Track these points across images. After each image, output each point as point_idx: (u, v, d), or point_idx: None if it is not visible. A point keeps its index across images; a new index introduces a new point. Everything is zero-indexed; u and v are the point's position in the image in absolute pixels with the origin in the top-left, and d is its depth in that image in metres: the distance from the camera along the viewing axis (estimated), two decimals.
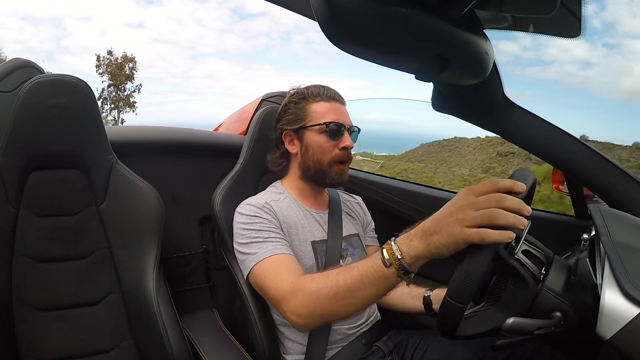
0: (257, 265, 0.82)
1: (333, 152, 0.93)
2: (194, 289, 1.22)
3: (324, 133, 0.93)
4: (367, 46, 0.58)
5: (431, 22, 0.56)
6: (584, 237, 0.76)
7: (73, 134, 0.91)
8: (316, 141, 0.94)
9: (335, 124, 0.93)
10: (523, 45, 13.23)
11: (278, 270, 0.80)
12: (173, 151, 1.23)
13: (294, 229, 0.92)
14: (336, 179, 0.95)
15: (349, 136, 0.94)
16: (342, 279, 0.67)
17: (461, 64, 0.65)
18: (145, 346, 0.93)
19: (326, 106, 0.94)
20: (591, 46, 6.69)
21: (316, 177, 0.95)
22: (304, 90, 0.97)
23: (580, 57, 7.56)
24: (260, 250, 0.84)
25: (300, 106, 0.95)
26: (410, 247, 0.61)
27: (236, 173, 1.07)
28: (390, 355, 0.93)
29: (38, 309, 0.87)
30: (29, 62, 1.01)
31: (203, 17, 46.02)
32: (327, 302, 0.68)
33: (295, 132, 0.96)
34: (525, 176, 0.64)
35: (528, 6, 0.57)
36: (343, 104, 0.98)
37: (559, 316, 0.59)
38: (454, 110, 0.95)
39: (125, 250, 0.95)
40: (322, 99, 0.95)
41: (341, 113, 0.96)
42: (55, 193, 0.91)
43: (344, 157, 0.95)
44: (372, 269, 0.64)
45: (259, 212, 0.89)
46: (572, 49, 15.46)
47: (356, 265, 0.67)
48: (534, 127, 0.92)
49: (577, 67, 6.19)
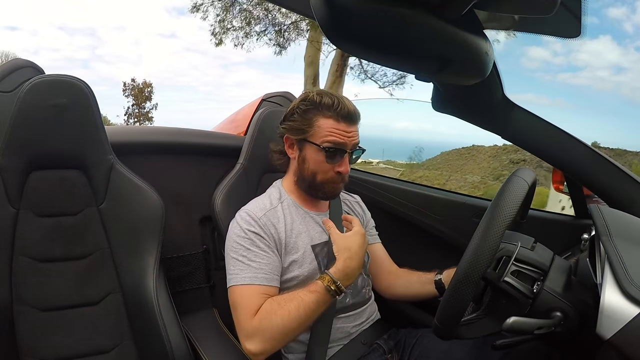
0: (233, 287, 0.85)
1: (328, 173, 0.91)
2: (194, 289, 1.22)
3: (322, 154, 0.89)
4: (367, 46, 0.58)
5: (431, 22, 0.56)
6: (584, 237, 0.76)
7: (73, 134, 0.91)
8: (313, 158, 0.90)
9: (334, 148, 0.88)
10: (554, 51, 13.09)
11: (249, 303, 0.83)
12: (173, 151, 1.23)
13: (294, 235, 0.92)
14: (329, 193, 0.94)
15: (348, 160, 0.91)
16: (294, 313, 0.80)
17: (461, 64, 0.65)
18: (145, 346, 0.93)
19: (332, 125, 0.88)
20: (623, 50, 6.72)
21: (309, 189, 0.94)
22: (317, 98, 0.89)
23: (613, 61, 7.63)
24: (240, 273, 0.85)
25: (306, 116, 0.89)
26: (343, 272, 0.83)
27: (236, 173, 1.07)
28: (390, 353, 0.93)
29: (38, 309, 0.87)
30: (29, 62, 1.01)
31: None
32: (290, 333, 0.81)
33: (296, 140, 0.93)
34: (526, 176, 0.64)
35: (528, 6, 0.57)
36: (354, 123, 0.91)
37: (559, 316, 0.59)
38: (454, 110, 0.95)
39: (126, 250, 0.95)
40: (332, 116, 0.88)
41: (347, 135, 0.89)
42: (56, 193, 0.91)
43: (337, 180, 0.92)
44: (323, 302, 0.82)
45: (254, 227, 0.88)
46: (604, 54, 15.23)
47: (307, 300, 0.81)
48: (533, 127, 0.92)
49: (609, 73, 6.23)
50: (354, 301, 0.95)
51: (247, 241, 0.87)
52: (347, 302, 0.94)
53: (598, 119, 15.12)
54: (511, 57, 13.33)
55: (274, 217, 0.91)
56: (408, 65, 0.65)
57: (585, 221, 1.07)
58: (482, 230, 0.60)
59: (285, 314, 0.79)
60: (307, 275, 0.90)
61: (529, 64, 3.61)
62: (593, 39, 3.00)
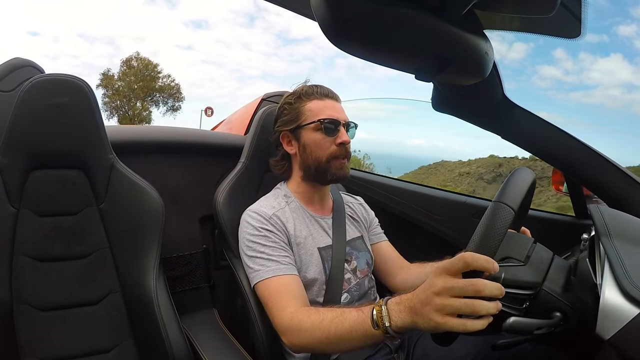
0: (260, 283, 0.86)
1: (330, 148, 0.93)
2: (193, 289, 1.22)
3: (320, 130, 0.93)
4: (367, 46, 0.58)
5: (431, 22, 0.56)
6: (584, 237, 0.76)
7: (73, 133, 0.91)
8: (313, 139, 0.94)
9: (329, 120, 0.93)
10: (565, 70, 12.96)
11: (279, 297, 0.83)
12: (173, 151, 1.23)
13: (302, 237, 0.93)
14: (337, 173, 0.95)
15: (346, 132, 0.94)
16: (334, 327, 0.71)
17: (461, 64, 0.65)
18: (145, 346, 0.93)
19: (320, 104, 0.95)
20: (635, 68, 6.64)
21: (317, 175, 0.95)
22: (298, 90, 0.98)
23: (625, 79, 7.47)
24: (263, 268, 0.86)
25: (294, 106, 0.96)
26: (399, 317, 0.62)
27: (238, 172, 1.07)
28: (396, 352, 0.94)
29: (38, 309, 0.87)
30: (29, 61, 1.01)
31: (249, 41, 47.98)
32: (318, 343, 0.74)
33: (292, 132, 0.96)
34: (525, 176, 0.64)
35: (528, 6, 0.57)
36: (337, 101, 0.98)
37: (558, 316, 0.59)
38: (454, 111, 0.95)
39: (126, 250, 0.95)
40: (316, 97, 0.95)
41: (335, 109, 0.95)
42: (56, 192, 0.91)
43: (341, 153, 0.94)
44: (361, 326, 0.67)
45: (266, 224, 0.89)
46: (616, 72, 15.10)
47: (349, 317, 0.70)
48: (533, 127, 0.92)
49: (621, 91, 6.12)
50: (360, 302, 0.96)
51: (263, 238, 0.88)
52: (354, 304, 0.94)
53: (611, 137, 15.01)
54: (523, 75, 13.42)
55: (283, 217, 0.92)
56: (408, 65, 0.65)
57: (585, 221, 1.07)
58: None
59: (317, 320, 0.74)
60: (312, 278, 0.91)
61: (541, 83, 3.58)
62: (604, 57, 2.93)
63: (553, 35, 0.73)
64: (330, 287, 0.91)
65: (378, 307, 0.65)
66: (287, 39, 52.11)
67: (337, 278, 0.93)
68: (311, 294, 0.91)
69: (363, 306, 0.71)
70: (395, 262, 1.08)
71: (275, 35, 51.06)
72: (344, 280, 0.94)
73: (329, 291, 0.91)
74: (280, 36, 51.78)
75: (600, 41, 3.79)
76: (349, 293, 0.95)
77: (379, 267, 1.07)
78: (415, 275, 1.03)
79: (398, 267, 1.07)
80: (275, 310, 0.82)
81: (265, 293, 0.85)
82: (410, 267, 1.06)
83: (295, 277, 0.86)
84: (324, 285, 0.92)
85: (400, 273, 1.06)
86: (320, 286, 0.91)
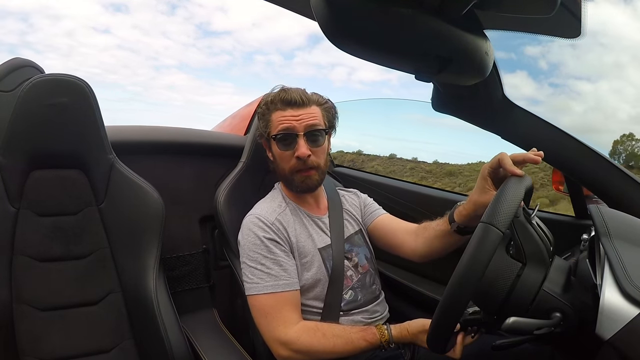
0: (255, 297, 0.85)
1: (290, 161, 0.90)
2: (193, 289, 1.22)
3: (275, 142, 0.91)
4: (367, 46, 0.58)
5: (431, 23, 0.56)
6: (584, 237, 0.76)
7: (73, 133, 0.91)
8: (276, 152, 0.92)
9: (282, 135, 0.89)
10: None
11: (278, 313, 0.83)
12: (173, 151, 1.23)
13: (303, 239, 0.92)
14: (301, 186, 0.92)
15: (305, 143, 0.89)
16: (339, 348, 0.82)
17: (461, 64, 0.65)
18: (145, 346, 0.93)
19: (279, 115, 0.90)
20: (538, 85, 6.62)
21: (288, 185, 0.95)
22: (268, 98, 0.93)
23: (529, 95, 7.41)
24: (261, 282, 0.85)
25: (264, 117, 0.94)
26: (400, 337, 0.84)
27: (239, 172, 1.07)
28: (402, 349, 0.93)
29: (38, 309, 0.87)
30: (29, 61, 1.01)
31: (169, 29, 46.80)
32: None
33: (266, 142, 0.96)
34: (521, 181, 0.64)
35: (528, 6, 0.57)
36: (302, 107, 0.90)
37: (558, 316, 0.59)
38: (454, 111, 0.95)
39: (126, 250, 0.95)
40: (278, 108, 0.91)
41: (295, 119, 0.89)
42: (56, 193, 0.91)
43: (300, 166, 0.90)
44: (364, 344, 0.83)
45: (269, 232, 0.88)
46: (521, 87, 15.39)
47: (358, 345, 0.83)
48: (533, 127, 0.92)
49: (526, 103, 6.11)
50: (365, 299, 0.96)
51: (264, 249, 0.87)
52: (359, 299, 0.95)
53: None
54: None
55: (284, 220, 0.92)
56: (408, 65, 0.65)
57: (585, 221, 1.07)
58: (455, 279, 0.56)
59: (327, 346, 0.82)
60: (315, 279, 0.90)
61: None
62: (511, 73, 3.00)
63: (553, 35, 0.73)
64: (333, 286, 0.91)
65: (386, 341, 0.83)
66: (208, 31, 51.13)
67: (339, 277, 0.93)
68: (315, 293, 0.91)
69: (365, 332, 0.84)
70: (402, 229, 1.03)
71: (196, 26, 50.04)
72: (346, 278, 0.94)
73: (331, 290, 0.91)
74: (200, 27, 50.79)
75: (509, 58, 3.87)
76: (353, 290, 0.95)
77: (386, 241, 1.04)
78: (420, 242, 0.98)
79: (406, 232, 1.01)
80: (274, 324, 0.83)
81: (259, 306, 0.85)
82: (417, 232, 1.00)
83: (293, 292, 0.86)
84: (327, 285, 0.92)
85: (410, 239, 1.00)
86: (323, 286, 0.91)
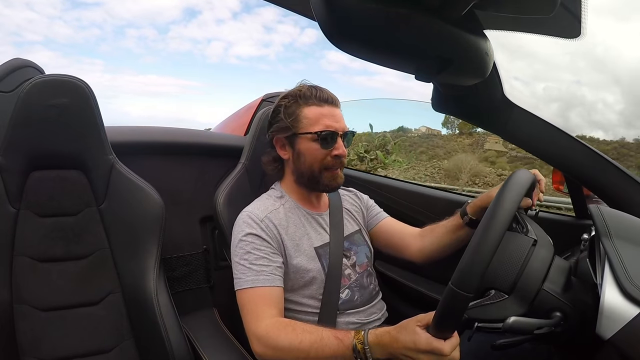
0: (238, 292, 0.86)
1: (325, 159, 0.90)
2: (194, 289, 1.22)
3: (316, 141, 0.89)
4: (367, 46, 0.58)
5: (431, 23, 0.56)
6: (584, 237, 0.76)
7: (73, 134, 0.91)
8: (308, 148, 0.90)
9: (327, 133, 0.89)
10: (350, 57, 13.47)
11: (254, 306, 0.83)
12: (173, 151, 1.23)
13: (297, 238, 0.92)
14: (330, 184, 0.93)
15: (342, 142, 0.91)
16: (314, 353, 0.74)
17: (461, 64, 0.65)
18: (146, 346, 0.93)
19: (317, 111, 0.90)
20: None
21: (310, 183, 0.94)
22: (296, 92, 0.92)
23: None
24: (243, 277, 0.85)
25: (290, 111, 0.91)
26: (379, 342, 0.70)
27: (238, 172, 1.07)
28: None
29: (38, 309, 0.87)
30: (29, 62, 1.01)
31: (33, 0, 44.46)
32: (293, 358, 0.76)
33: (286, 138, 0.93)
34: (524, 176, 0.64)
35: (528, 6, 0.57)
36: (336, 106, 0.93)
37: (559, 316, 0.59)
38: (454, 111, 0.95)
39: (126, 250, 0.95)
40: (314, 103, 0.90)
41: (334, 118, 0.90)
42: (56, 193, 0.91)
43: (335, 164, 0.92)
44: (342, 357, 0.72)
45: (255, 228, 0.88)
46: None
47: (329, 344, 0.73)
48: (533, 127, 0.92)
49: (399, 79, 6.25)
50: (362, 299, 0.96)
51: (249, 245, 0.87)
52: (355, 299, 0.94)
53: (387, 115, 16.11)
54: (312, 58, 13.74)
55: (275, 218, 0.91)
56: (408, 65, 0.65)
57: (585, 221, 1.07)
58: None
59: (294, 341, 0.76)
60: (311, 277, 0.90)
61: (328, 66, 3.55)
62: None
63: (553, 36, 0.73)
64: (329, 285, 0.91)
65: (360, 344, 0.71)
66: (75, 2, 48.36)
67: (336, 275, 0.92)
68: (310, 291, 0.91)
69: (339, 332, 0.75)
70: (407, 232, 1.06)
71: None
72: (344, 277, 0.94)
73: (327, 288, 0.91)
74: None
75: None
76: (350, 289, 0.95)
77: (390, 243, 1.06)
78: (428, 241, 1.02)
79: (411, 235, 1.05)
80: (249, 318, 0.82)
81: (241, 301, 0.85)
82: (422, 233, 1.04)
83: (273, 288, 0.85)
84: (324, 283, 0.91)
85: (415, 241, 1.04)
86: (319, 284, 0.91)
